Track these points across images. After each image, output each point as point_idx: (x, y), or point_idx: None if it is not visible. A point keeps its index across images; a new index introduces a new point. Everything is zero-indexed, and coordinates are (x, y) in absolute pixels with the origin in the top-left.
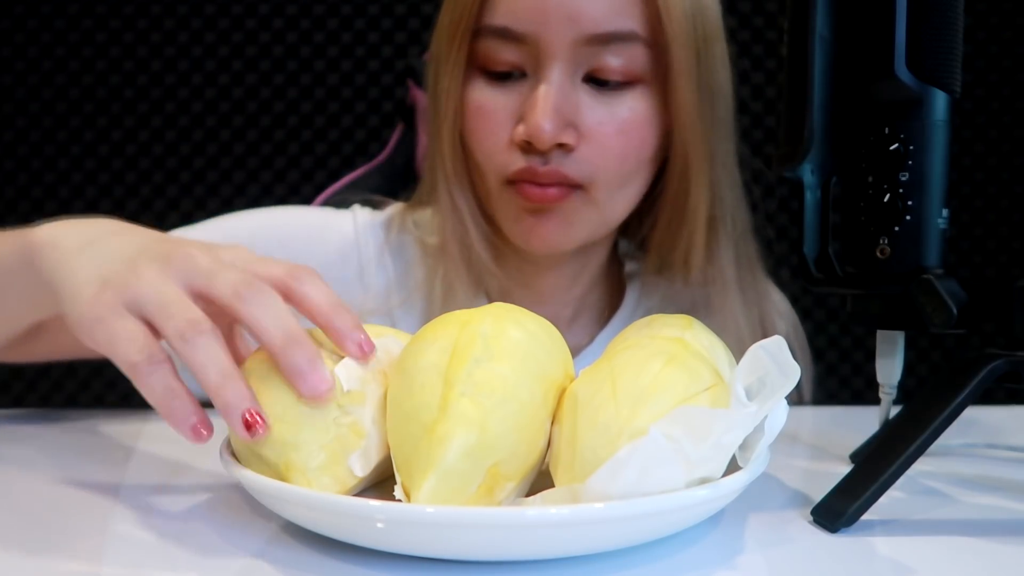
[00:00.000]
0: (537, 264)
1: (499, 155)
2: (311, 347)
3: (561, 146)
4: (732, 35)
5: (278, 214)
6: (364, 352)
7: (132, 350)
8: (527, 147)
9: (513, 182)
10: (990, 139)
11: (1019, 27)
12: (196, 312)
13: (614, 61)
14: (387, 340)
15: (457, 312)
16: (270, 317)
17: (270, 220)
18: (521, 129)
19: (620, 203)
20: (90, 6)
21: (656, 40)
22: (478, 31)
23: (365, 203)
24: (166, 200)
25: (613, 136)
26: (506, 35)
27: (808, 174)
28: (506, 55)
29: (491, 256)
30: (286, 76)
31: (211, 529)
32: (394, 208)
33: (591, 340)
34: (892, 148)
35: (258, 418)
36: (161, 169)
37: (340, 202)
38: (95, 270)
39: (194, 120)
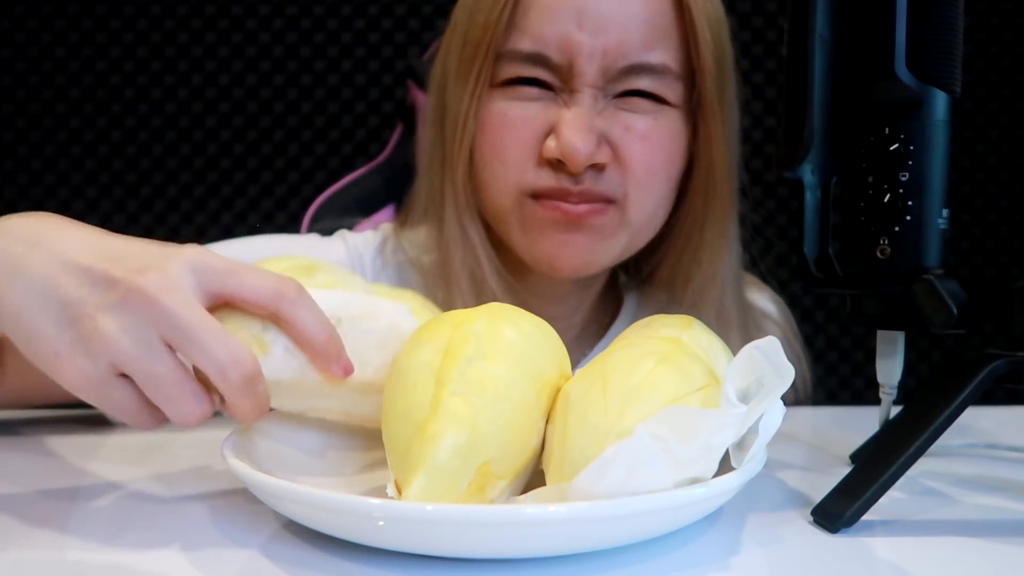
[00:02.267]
0: (541, 296)
1: (522, 168)
2: None
3: (594, 166)
4: (732, 35)
5: (265, 247)
6: (346, 374)
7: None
8: (557, 165)
9: (538, 196)
10: (990, 139)
11: (1019, 27)
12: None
13: (644, 85)
14: (337, 293)
15: (452, 312)
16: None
17: (258, 254)
18: (553, 146)
19: (647, 227)
20: (90, 6)
21: (687, 74)
22: (501, 55)
23: (339, 227)
24: (166, 200)
25: (640, 145)
26: (535, 60)
27: (808, 174)
28: (533, 74)
29: (502, 288)
30: (286, 76)
31: (212, 526)
32: (386, 228)
33: (586, 355)
34: (892, 148)
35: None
36: (161, 170)
37: (318, 227)
38: (45, 321)
39: (194, 120)
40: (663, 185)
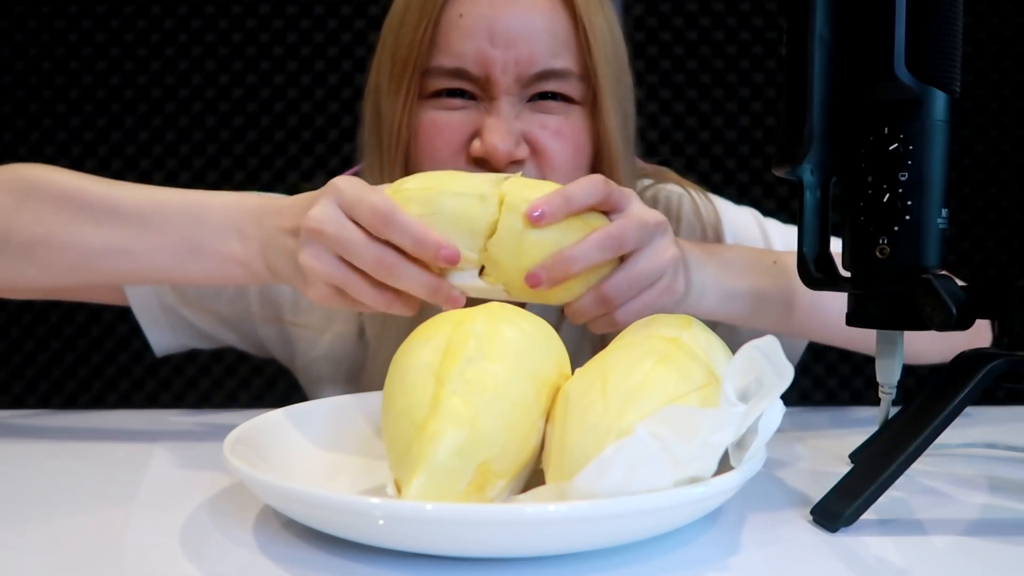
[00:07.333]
0: None
1: (453, 164)
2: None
3: (515, 162)
4: (732, 35)
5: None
6: (448, 260)
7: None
8: (483, 163)
9: None
10: (990, 139)
11: (1019, 27)
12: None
13: (553, 87)
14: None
15: (452, 312)
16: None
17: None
18: (478, 145)
19: None
20: (90, 6)
21: (586, 74)
22: (427, 71)
23: None
24: None
25: (554, 140)
26: (457, 75)
27: (808, 174)
28: (456, 85)
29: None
30: (286, 76)
31: (212, 526)
32: None
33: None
34: (892, 148)
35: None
36: (161, 170)
37: None
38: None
39: (194, 120)
40: (575, 173)
